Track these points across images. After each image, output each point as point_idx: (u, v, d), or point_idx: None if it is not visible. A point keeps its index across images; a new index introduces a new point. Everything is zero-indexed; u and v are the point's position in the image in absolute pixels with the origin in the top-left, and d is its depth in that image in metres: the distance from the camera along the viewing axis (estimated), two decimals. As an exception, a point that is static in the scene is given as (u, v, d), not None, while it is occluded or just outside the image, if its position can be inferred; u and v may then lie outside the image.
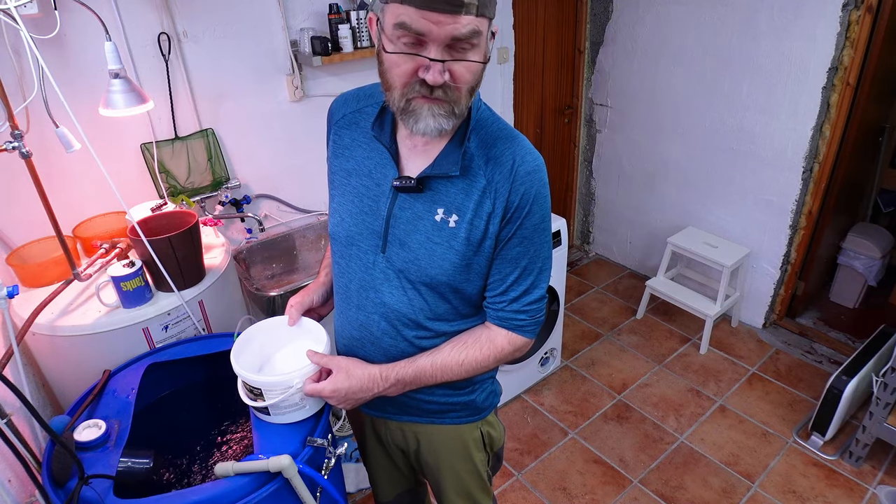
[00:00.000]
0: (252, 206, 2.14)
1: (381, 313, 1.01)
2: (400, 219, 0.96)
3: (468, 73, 0.84)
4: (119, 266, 1.40)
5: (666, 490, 2.08)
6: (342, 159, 1.03)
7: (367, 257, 1.00)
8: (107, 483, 0.98)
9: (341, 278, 1.07)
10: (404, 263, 0.97)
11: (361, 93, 1.05)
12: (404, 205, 0.96)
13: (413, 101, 0.85)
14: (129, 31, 1.69)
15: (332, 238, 1.06)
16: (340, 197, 1.03)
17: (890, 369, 1.92)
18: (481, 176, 0.93)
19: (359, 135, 1.02)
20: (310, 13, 2.05)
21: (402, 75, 0.83)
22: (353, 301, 1.05)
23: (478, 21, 0.79)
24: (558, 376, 2.65)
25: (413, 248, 0.95)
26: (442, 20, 0.77)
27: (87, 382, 1.25)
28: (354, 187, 1.01)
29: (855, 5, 2.15)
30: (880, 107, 2.70)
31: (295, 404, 1.06)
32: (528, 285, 0.99)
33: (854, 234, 2.93)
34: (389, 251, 0.98)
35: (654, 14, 2.79)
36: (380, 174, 0.98)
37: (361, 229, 1.00)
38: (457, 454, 1.17)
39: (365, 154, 1.00)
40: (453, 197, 0.94)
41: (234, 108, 1.99)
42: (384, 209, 0.97)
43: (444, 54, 0.80)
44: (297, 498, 1.03)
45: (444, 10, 0.76)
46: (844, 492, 2.05)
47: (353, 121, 1.03)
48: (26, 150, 1.27)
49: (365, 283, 1.02)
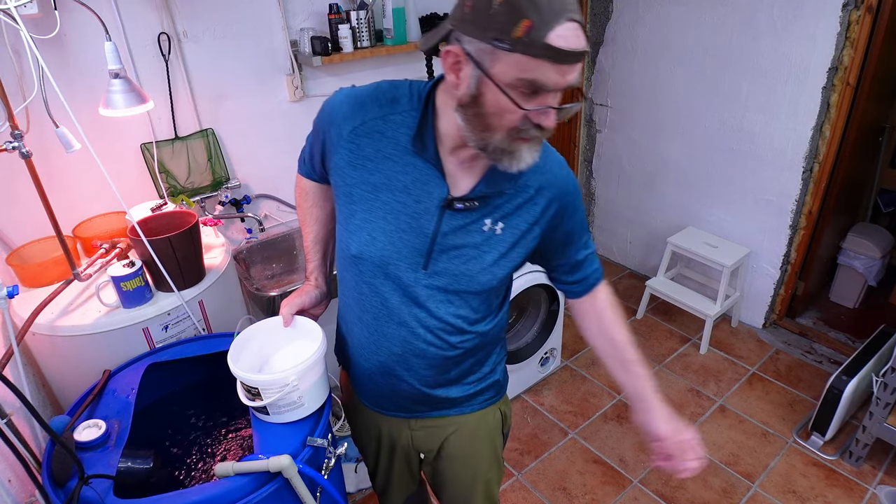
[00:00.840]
0: (252, 206, 2.14)
1: (426, 326, 1.00)
2: (447, 235, 0.94)
3: (569, 112, 0.84)
4: (119, 266, 1.40)
5: (666, 490, 2.08)
6: (364, 171, 0.95)
7: (406, 275, 0.96)
8: (107, 483, 0.98)
9: (373, 297, 1.00)
10: (451, 277, 0.96)
11: (380, 97, 0.95)
12: (451, 221, 0.93)
13: (515, 142, 0.83)
14: (129, 31, 1.69)
15: (360, 258, 0.97)
16: (366, 213, 0.95)
17: (890, 369, 1.92)
18: (528, 186, 0.95)
19: (386, 146, 0.93)
20: (310, 13, 2.05)
21: (514, 121, 0.80)
22: (394, 318, 1.00)
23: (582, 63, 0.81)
24: (558, 376, 2.65)
25: (461, 262, 0.95)
26: (568, 71, 0.77)
27: (87, 382, 1.25)
28: (386, 203, 0.94)
29: (855, 5, 2.15)
30: (880, 107, 2.70)
31: (293, 403, 1.06)
32: (589, 250, 1.08)
33: (854, 234, 2.93)
34: (433, 267, 0.95)
35: (654, 14, 2.78)
36: (420, 191, 0.92)
37: (399, 248, 0.94)
38: (484, 441, 1.20)
39: (398, 168, 0.93)
40: (501, 206, 0.94)
41: (234, 108, 1.99)
42: (429, 227, 0.93)
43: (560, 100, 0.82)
44: (297, 498, 1.03)
45: (573, 62, 0.76)
46: (844, 492, 2.05)
47: (377, 129, 0.94)
48: (26, 150, 1.27)
49: (405, 300, 0.98)
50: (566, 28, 0.73)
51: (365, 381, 1.13)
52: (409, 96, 0.93)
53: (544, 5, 0.72)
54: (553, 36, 0.73)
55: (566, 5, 0.73)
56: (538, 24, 0.72)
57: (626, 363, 1.09)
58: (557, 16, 0.72)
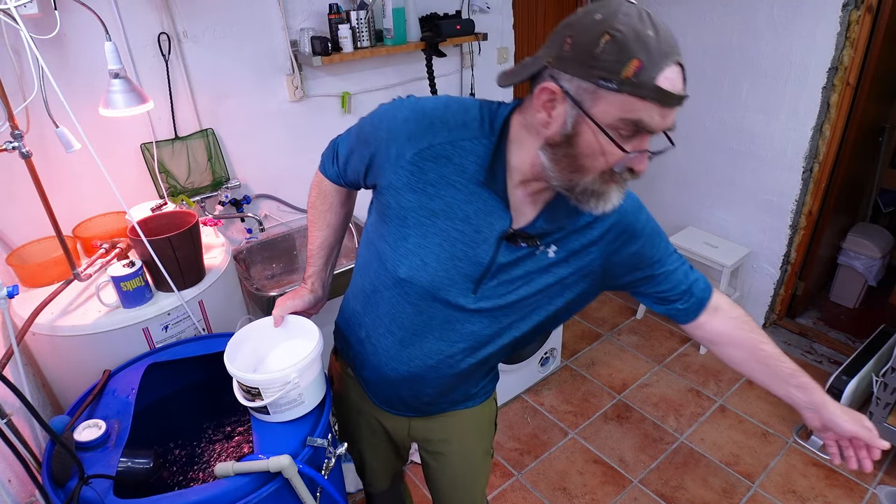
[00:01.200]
0: (252, 206, 2.14)
1: (466, 341, 1.00)
2: (503, 265, 0.93)
3: None
4: (119, 266, 1.40)
5: (666, 490, 2.08)
6: (424, 196, 0.92)
7: (454, 299, 0.95)
8: (107, 483, 0.98)
9: (416, 317, 0.99)
10: (500, 298, 0.95)
11: (450, 120, 0.90)
12: (507, 251, 0.92)
13: (606, 184, 0.81)
14: (129, 31, 1.69)
15: (409, 282, 0.96)
16: (420, 238, 0.93)
17: (890, 369, 1.93)
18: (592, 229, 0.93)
19: (451, 172, 0.90)
20: (310, 13, 2.05)
21: (609, 163, 0.79)
22: (434, 334, 1.00)
23: None
24: (558, 376, 2.65)
25: (513, 288, 0.95)
26: (669, 114, 0.76)
27: (87, 382, 1.25)
28: (443, 230, 0.92)
29: (855, 5, 2.15)
30: (880, 107, 2.70)
31: (294, 400, 1.06)
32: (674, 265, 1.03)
33: (854, 234, 2.93)
34: (482, 292, 0.95)
35: (653, 14, 2.78)
36: (482, 221, 0.91)
37: (452, 275, 0.94)
38: (479, 435, 1.24)
39: (462, 197, 0.90)
40: (561, 237, 0.93)
41: (234, 108, 1.99)
42: (485, 257, 0.92)
43: None
44: (297, 498, 1.03)
45: (676, 105, 0.76)
46: (844, 492, 2.05)
47: (444, 154, 0.90)
48: (26, 150, 1.27)
49: (449, 318, 0.98)
50: (673, 71, 0.73)
51: (383, 386, 1.13)
52: (479, 121, 0.89)
53: (653, 46, 0.71)
54: (661, 78, 0.72)
55: (673, 48, 0.73)
56: (647, 64, 0.71)
57: (787, 378, 1.03)
58: (666, 58, 0.72)
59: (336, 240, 1.21)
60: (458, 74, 2.62)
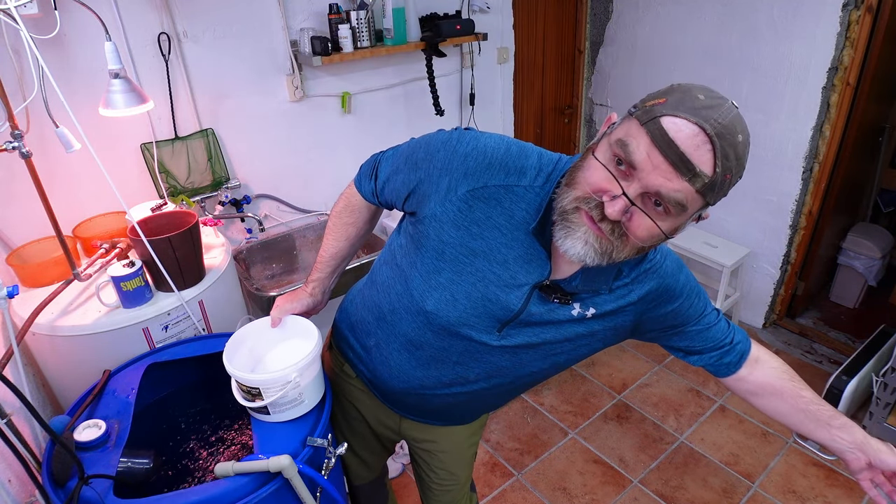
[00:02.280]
0: (252, 206, 2.14)
1: (484, 368, 1.00)
2: (533, 314, 0.92)
3: (646, 232, 0.76)
4: (119, 266, 1.40)
5: (666, 490, 2.08)
6: (467, 234, 0.90)
7: (477, 335, 0.95)
8: (107, 483, 0.98)
9: (436, 343, 0.99)
10: (524, 339, 0.95)
11: (509, 164, 0.89)
12: (539, 302, 0.91)
13: (579, 212, 0.78)
14: (129, 31, 1.69)
15: (434, 315, 0.94)
16: (454, 275, 0.92)
17: (890, 369, 1.93)
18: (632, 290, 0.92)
19: (499, 215, 0.89)
20: (310, 13, 2.05)
21: (590, 184, 0.76)
22: (452, 359, 1.00)
23: (694, 196, 0.72)
24: (558, 376, 2.65)
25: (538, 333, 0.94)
26: (662, 170, 0.71)
27: (87, 382, 1.25)
28: (479, 270, 0.90)
29: (855, 5, 2.15)
30: (880, 107, 2.70)
31: (294, 400, 1.06)
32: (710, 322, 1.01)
33: (854, 234, 2.93)
34: (508, 333, 0.94)
35: (653, 14, 2.79)
36: (520, 268, 0.90)
37: (480, 314, 0.92)
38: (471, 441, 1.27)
39: (504, 241, 0.89)
40: (597, 300, 0.92)
41: (234, 108, 1.99)
42: (516, 304, 0.91)
43: (639, 199, 0.74)
44: (297, 498, 1.03)
45: (672, 163, 0.70)
46: (844, 492, 2.05)
47: (495, 196, 0.88)
48: (26, 150, 1.27)
49: (470, 350, 0.97)
50: (686, 124, 0.70)
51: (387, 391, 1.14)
52: (537, 170, 0.88)
53: (687, 103, 0.71)
54: (668, 119, 0.70)
55: (702, 111, 0.70)
56: (667, 105, 0.71)
57: (829, 421, 0.99)
58: (687, 111, 0.70)
59: (349, 253, 1.20)
60: (458, 74, 2.62)
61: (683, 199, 0.72)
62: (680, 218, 0.76)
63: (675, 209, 0.73)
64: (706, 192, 0.72)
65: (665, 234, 0.76)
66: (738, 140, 0.71)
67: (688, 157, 0.70)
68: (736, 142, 0.71)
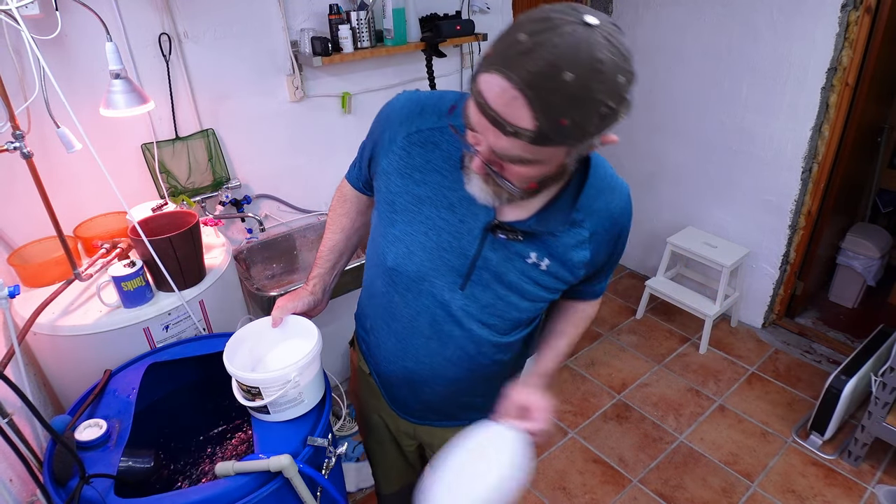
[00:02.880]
0: (252, 206, 2.14)
1: (457, 345, 0.99)
2: (489, 260, 0.90)
3: (518, 178, 0.75)
4: (120, 266, 1.41)
5: (665, 489, 2.09)
6: (411, 182, 0.91)
7: (441, 294, 0.93)
8: (108, 482, 0.98)
9: (405, 309, 0.98)
10: (490, 300, 0.93)
11: (442, 106, 0.90)
12: (495, 246, 0.89)
13: (471, 157, 0.77)
14: (130, 31, 1.69)
15: (395, 271, 0.95)
16: (406, 225, 0.92)
17: (889, 369, 1.93)
18: (584, 228, 0.90)
19: (437, 158, 0.89)
20: (310, 13, 2.05)
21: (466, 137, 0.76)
22: (424, 332, 0.99)
23: (529, 149, 0.68)
24: (558, 376, 2.65)
25: (502, 289, 0.92)
26: (491, 130, 0.68)
27: (87, 382, 1.25)
28: (428, 217, 0.90)
29: (854, 6, 2.16)
30: (879, 107, 2.70)
31: (294, 399, 1.07)
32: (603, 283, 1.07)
33: (853, 235, 2.93)
34: (471, 290, 0.92)
35: (653, 14, 2.79)
36: (466, 210, 0.88)
37: (437, 265, 0.91)
38: None
39: (447, 183, 0.88)
40: (550, 244, 0.90)
41: (234, 108, 1.99)
42: (471, 249, 0.89)
43: (492, 156, 0.73)
44: (298, 498, 1.03)
45: (492, 122, 0.67)
46: (843, 491, 2.05)
47: (432, 140, 0.89)
48: (27, 150, 1.27)
49: (439, 318, 0.96)
50: (494, 79, 0.65)
51: (384, 383, 1.14)
52: None
53: (508, 48, 0.65)
54: (482, 77, 0.67)
55: (515, 59, 0.63)
56: (490, 58, 0.66)
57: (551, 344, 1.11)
58: (501, 61, 0.64)
59: (347, 247, 1.20)
60: (459, 74, 2.62)
61: (520, 154, 0.69)
62: (547, 163, 0.72)
63: (521, 162, 0.71)
64: (544, 141, 0.67)
65: (540, 176, 0.75)
66: (566, 79, 0.62)
67: (501, 116, 0.66)
68: (561, 83, 0.62)
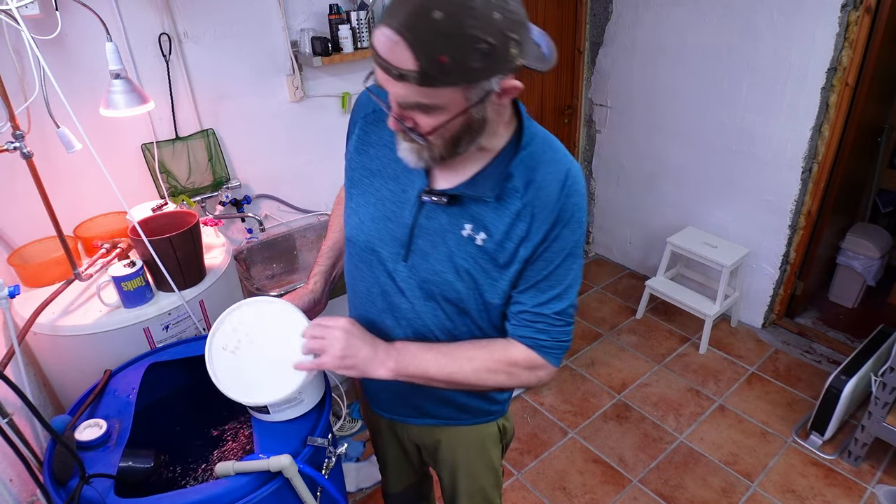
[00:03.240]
0: (252, 206, 2.15)
1: (408, 320, 0.98)
2: (426, 229, 0.91)
3: (430, 127, 0.77)
4: (120, 266, 1.41)
5: (665, 489, 2.09)
6: (366, 157, 0.97)
7: (388, 264, 0.96)
8: (108, 482, 0.98)
9: (361, 282, 1.02)
10: (427, 275, 0.93)
11: None
12: (431, 215, 0.91)
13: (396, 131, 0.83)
14: (130, 31, 1.70)
15: (350, 241, 1.01)
16: (360, 197, 0.98)
17: (889, 369, 1.93)
18: (517, 199, 0.87)
19: (388, 134, 0.95)
20: (310, 13, 2.05)
21: None
22: (379, 305, 1.00)
23: (423, 92, 0.73)
24: (558, 376, 2.65)
25: (436, 261, 0.91)
26: (388, 80, 0.74)
27: (87, 382, 1.25)
28: (377, 189, 0.95)
29: (854, 6, 2.16)
30: (879, 107, 2.70)
31: (293, 399, 1.06)
32: (547, 297, 0.92)
33: (853, 235, 2.93)
34: (412, 261, 0.93)
35: (653, 15, 2.79)
36: (407, 180, 0.92)
37: (383, 235, 0.95)
38: (476, 452, 1.18)
39: (393, 156, 0.93)
40: (484, 215, 0.88)
41: (234, 108, 1.99)
42: (409, 218, 0.92)
43: (399, 108, 0.78)
44: (298, 498, 1.03)
45: (385, 72, 0.73)
46: (843, 491, 2.05)
47: (384, 118, 0.95)
48: (27, 150, 1.27)
49: (388, 290, 0.98)
50: (380, 31, 0.71)
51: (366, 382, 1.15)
52: None
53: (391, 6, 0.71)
54: (374, 33, 0.73)
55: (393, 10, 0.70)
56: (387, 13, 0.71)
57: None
58: (386, 16, 0.71)
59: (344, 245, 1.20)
60: (458, 75, 2.62)
61: (417, 100, 0.74)
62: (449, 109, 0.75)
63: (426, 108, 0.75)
64: (431, 81, 0.71)
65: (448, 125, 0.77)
66: (436, 18, 0.67)
67: (389, 62, 0.71)
68: (433, 22, 0.67)
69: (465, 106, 0.76)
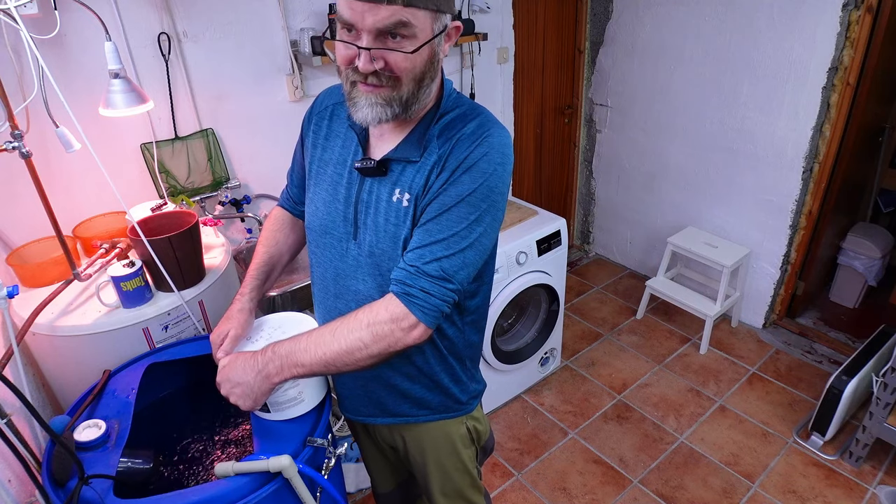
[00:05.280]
0: (252, 206, 2.14)
1: (357, 301, 1.01)
2: (366, 203, 0.97)
3: (405, 61, 0.83)
4: (119, 266, 1.40)
5: (666, 490, 2.08)
6: (320, 150, 1.05)
7: (340, 245, 1.02)
8: (107, 483, 0.98)
9: (318, 268, 1.08)
10: (371, 247, 0.98)
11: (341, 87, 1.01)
12: (371, 189, 0.97)
13: (355, 86, 0.87)
14: (129, 31, 1.69)
15: (308, 228, 1.08)
16: (316, 187, 1.05)
17: (890, 369, 1.93)
18: (434, 153, 0.92)
19: (337, 125, 1.04)
20: (310, 13, 2.05)
21: (342, 61, 0.86)
22: (331, 290, 1.06)
23: (406, 12, 0.79)
24: (558, 376, 2.65)
25: (376, 231, 0.97)
26: (364, 10, 0.78)
27: (87, 382, 1.25)
28: (330, 176, 1.03)
29: (855, 5, 2.15)
30: (880, 107, 2.70)
31: (293, 399, 1.07)
32: (432, 240, 0.89)
33: (854, 234, 2.93)
34: (360, 237, 0.99)
35: (653, 14, 2.79)
36: (349, 160, 1.00)
37: (334, 217, 1.01)
38: (444, 451, 1.17)
39: (341, 143, 1.02)
40: (409, 177, 0.94)
41: (234, 108, 1.99)
42: (352, 195, 0.99)
43: (374, 43, 0.81)
44: (297, 498, 1.03)
45: (364, 1, 0.78)
46: (844, 492, 2.05)
47: (334, 112, 1.06)
48: (26, 150, 1.27)
49: (340, 272, 1.03)
50: None
51: None
52: None
53: None
54: None
55: None
56: None
57: None
58: None
59: (278, 261, 1.21)
60: (459, 74, 2.62)
61: (398, 19, 0.79)
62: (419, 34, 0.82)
63: (402, 29, 0.80)
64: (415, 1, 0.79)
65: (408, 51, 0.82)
66: None
67: None
68: None
69: (431, 35, 0.84)
